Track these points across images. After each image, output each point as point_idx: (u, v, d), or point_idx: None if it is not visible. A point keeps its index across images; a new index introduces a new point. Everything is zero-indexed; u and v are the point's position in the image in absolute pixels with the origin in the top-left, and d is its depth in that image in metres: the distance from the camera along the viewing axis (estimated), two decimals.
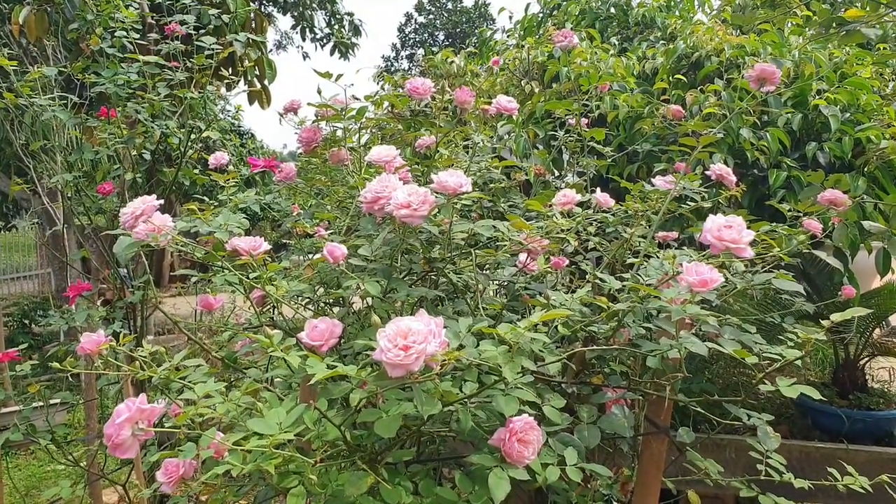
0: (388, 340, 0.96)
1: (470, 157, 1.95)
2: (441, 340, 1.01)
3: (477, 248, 1.45)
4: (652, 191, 1.91)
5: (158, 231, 1.37)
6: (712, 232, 1.11)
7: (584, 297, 1.39)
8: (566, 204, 1.58)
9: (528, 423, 1.13)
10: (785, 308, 1.92)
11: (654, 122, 2.74)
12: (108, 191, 3.00)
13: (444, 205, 1.27)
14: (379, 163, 1.46)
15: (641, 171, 2.91)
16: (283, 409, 1.11)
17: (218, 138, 3.18)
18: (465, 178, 1.26)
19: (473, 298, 1.55)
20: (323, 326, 1.25)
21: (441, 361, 0.97)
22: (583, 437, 1.33)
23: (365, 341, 1.10)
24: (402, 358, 0.94)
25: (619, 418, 1.39)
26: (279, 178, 2.13)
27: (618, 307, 1.29)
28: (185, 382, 1.25)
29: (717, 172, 1.95)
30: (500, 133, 3.50)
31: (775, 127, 2.60)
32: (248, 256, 1.42)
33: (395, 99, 2.03)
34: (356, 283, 1.24)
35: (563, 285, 1.90)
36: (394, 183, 1.34)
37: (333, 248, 1.25)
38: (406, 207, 1.22)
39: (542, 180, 2.49)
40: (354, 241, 1.42)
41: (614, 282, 1.45)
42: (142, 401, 0.91)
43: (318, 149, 2.02)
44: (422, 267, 1.44)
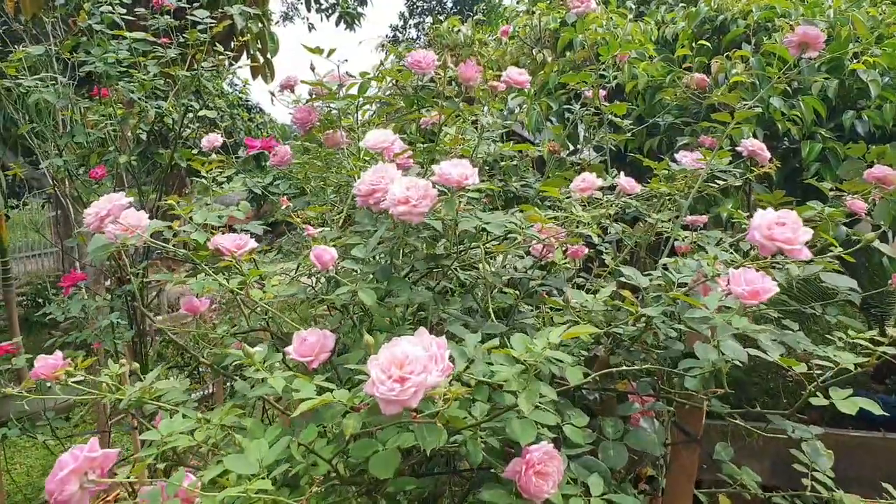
0: (380, 370, 0.81)
1: (479, 137, 1.78)
2: (445, 366, 0.86)
3: (487, 242, 1.29)
4: (679, 170, 1.73)
5: (130, 232, 1.22)
6: (761, 230, 0.94)
7: (608, 300, 1.23)
8: (586, 190, 1.41)
9: (548, 453, 0.98)
10: (826, 297, 1.76)
11: (676, 92, 2.55)
12: (99, 175, 2.86)
13: (448, 199, 1.11)
14: (375, 149, 1.30)
15: (662, 144, 2.72)
16: (265, 442, 0.96)
17: (216, 117, 2.98)
18: (470, 169, 1.10)
19: (483, 297, 1.40)
20: (313, 339, 1.11)
21: (444, 395, 0.82)
22: (608, 458, 1.18)
23: (356, 364, 0.95)
24: (398, 392, 0.79)
25: (649, 433, 1.24)
26: (273, 163, 1.97)
27: (647, 312, 1.13)
28: (160, 404, 1.11)
29: (749, 148, 1.78)
30: (510, 106, 3.31)
31: (808, 95, 2.40)
32: (231, 255, 1.28)
33: (397, 74, 1.86)
34: (349, 290, 1.09)
35: (582, 276, 1.74)
36: (391, 173, 1.18)
37: (321, 251, 1.09)
38: (404, 203, 1.07)
39: (556, 158, 2.32)
40: (349, 237, 1.27)
41: (641, 278, 1.29)
42: (91, 447, 0.77)
43: (315, 130, 1.86)
44: (425, 265, 1.28)
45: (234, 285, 1.15)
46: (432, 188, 1.09)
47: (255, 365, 1.03)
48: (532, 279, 1.42)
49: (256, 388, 1.04)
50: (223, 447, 1.09)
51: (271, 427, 1.02)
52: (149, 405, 1.09)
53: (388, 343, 0.85)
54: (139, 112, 3.00)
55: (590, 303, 1.23)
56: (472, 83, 1.42)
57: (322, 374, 1.12)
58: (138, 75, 2.71)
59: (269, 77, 6.02)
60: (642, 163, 2.63)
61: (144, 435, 0.87)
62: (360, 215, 1.27)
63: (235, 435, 0.97)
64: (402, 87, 2.18)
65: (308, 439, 0.99)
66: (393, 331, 1.26)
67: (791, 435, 1.26)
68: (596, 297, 1.24)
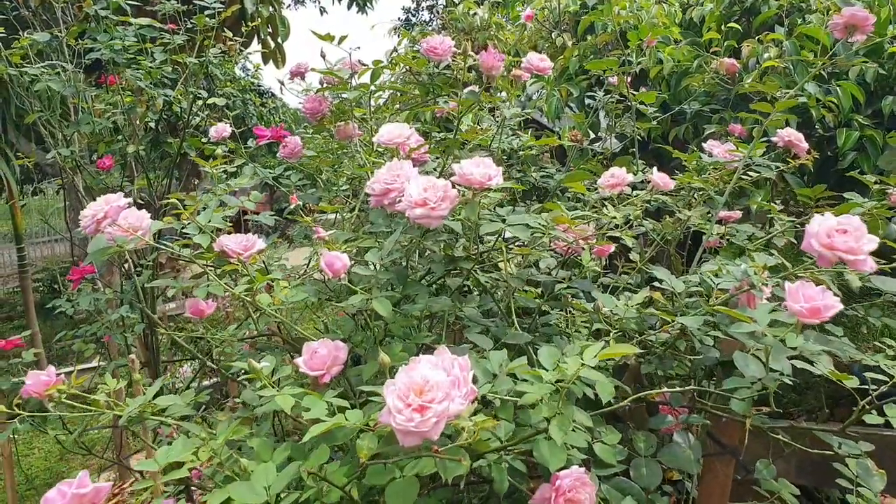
0: (397, 398, 0.73)
1: (499, 128, 1.69)
2: (468, 390, 0.77)
3: (509, 245, 1.21)
4: (713, 162, 1.63)
5: (131, 233, 1.15)
6: (820, 239, 0.85)
7: (640, 307, 1.15)
8: (616, 186, 1.32)
9: (579, 479, 0.90)
10: (866, 297, 1.66)
11: (704, 78, 2.44)
12: (107, 165, 2.79)
13: (470, 201, 1.03)
14: (390, 145, 1.21)
15: (688, 133, 2.61)
16: (272, 466, 0.89)
17: (227, 103, 2.89)
18: (493, 168, 1.01)
19: (504, 298, 1.32)
20: (324, 352, 1.03)
21: (468, 426, 0.74)
22: (640, 477, 1.10)
23: (370, 382, 0.87)
24: (417, 423, 0.71)
25: (683, 449, 1.16)
26: (283, 155, 1.89)
27: (686, 322, 1.04)
28: (162, 419, 1.04)
29: (785, 139, 1.67)
30: (528, 92, 3.20)
31: (845, 79, 2.28)
32: (237, 258, 1.20)
33: (411, 61, 1.77)
34: (363, 299, 1.01)
35: (608, 276, 1.65)
36: (406, 171, 1.10)
37: (332, 258, 1.01)
38: (422, 206, 0.98)
39: (578, 147, 2.22)
40: (363, 240, 1.19)
41: (675, 282, 1.20)
42: (82, 481, 0.70)
43: (327, 121, 1.77)
44: (443, 267, 1.20)
45: (240, 291, 1.08)
46: (452, 189, 1.00)
47: (262, 381, 0.95)
48: (557, 281, 1.33)
49: (263, 403, 0.97)
50: (230, 464, 1.02)
51: (280, 448, 0.94)
52: (151, 420, 1.02)
53: (406, 367, 0.76)
54: (147, 100, 2.92)
55: (621, 310, 1.15)
56: (493, 72, 1.32)
57: (335, 387, 1.04)
58: (145, 63, 2.63)
59: (280, 62, 5.93)
60: (668, 153, 2.52)
61: (139, 465, 0.80)
62: (374, 215, 1.19)
63: (241, 459, 0.89)
64: (416, 74, 2.09)
65: (319, 461, 0.92)
66: (410, 338, 1.18)
67: (838, 451, 1.17)
68: (628, 303, 1.15)
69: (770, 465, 1.17)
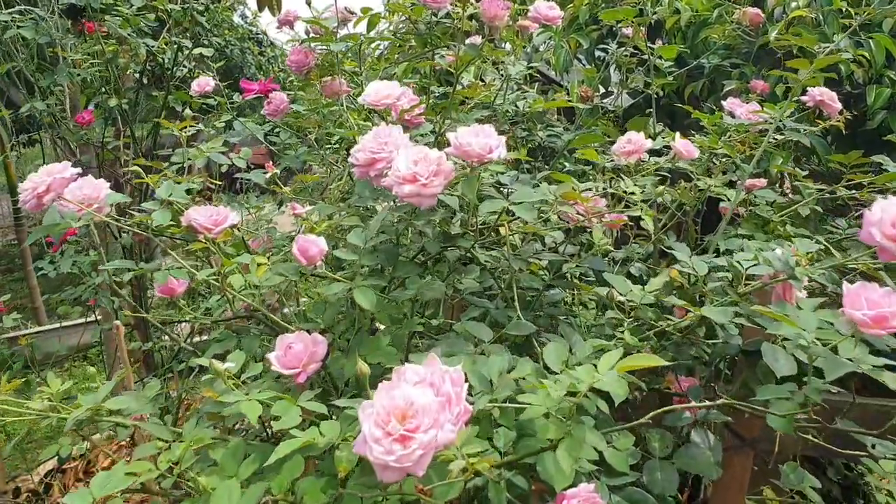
0: (374, 424, 0.61)
1: (504, 83, 1.53)
2: (461, 411, 0.65)
3: (512, 220, 1.07)
4: (738, 125, 1.48)
5: (86, 206, 1.01)
6: (884, 228, 0.71)
7: (660, 293, 1.02)
8: (632, 153, 1.17)
9: (589, 500, 0.78)
10: None
11: (725, 29, 2.25)
12: (87, 120, 2.64)
13: (468, 175, 0.88)
14: (378, 107, 1.06)
15: (704, 89, 2.43)
16: (236, 486, 0.77)
17: (211, 55, 2.71)
18: (494, 138, 0.86)
19: (506, 279, 1.19)
20: (299, 347, 0.90)
21: (458, 466, 0.61)
22: (655, 482, 0.99)
23: (346, 402, 0.74)
24: (399, 457, 0.59)
25: (702, 451, 1.04)
26: (267, 112, 1.74)
27: (711, 315, 0.91)
28: (120, 421, 0.92)
29: (816, 98, 1.52)
30: (535, 43, 3.01)
31: (878, 32, 2.10)
32: (205, 236, 1.07)
33: (407, 10, 1.60)
34: (342, 290, 0.88)
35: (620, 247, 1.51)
36: (396, 138, 0.95)
37: (306, 244, 0.88)
38: (411, 182, 0.84)
39: (589, 105, 2.05)
40: (346, 216, 1.05)
41: (699, 263, 1.07)
42: None
43: (313, 75, 1.62)
44: (437, 246, 1.06)
45: (206, 276, 0.94)
46: (447, 161, 0.86)
47: (226, 384, 0.83)
48: (564, 259, 1.19)
49: (227, 408, 0.84)
50: (195, 469, 0.91)
51: (247, 461, 0.82)
52: (104, 423, 0.90)
53: (387, 383, 0.64)
54: (130, 50, 2.75)
55: (637, 296, 1.02)
56: (497, 22, 1.17)
57: (312, 387, 0.92)
58: (122, 9, 2.45)
59: (277, 9, 5.68)
60: (681, 110, 2.35)
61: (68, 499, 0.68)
62: (360, 187, 1.05)
63: (200, 477, 0.77)
64: (414, 23, 1.92)
65: (292, 475, 0.80)
66: (400, 325, 1.05)
67: (872, 451, 1.06)
68: (645, 289, 1.02)
69: (797, 470, 1.05)
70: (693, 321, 1.08)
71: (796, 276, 0.86)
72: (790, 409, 0.74)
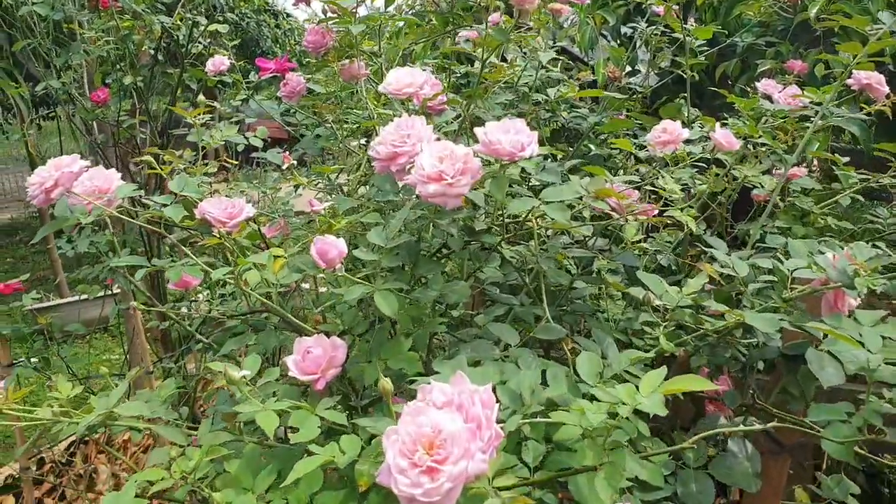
0: (400, 453, 0.56)
1: (526, 67, 1.46)
2: (492, 435, 0.60)
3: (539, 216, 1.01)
4: (779, 111, 1.40)
5: (95, 199, 0.97)
6: None
7: (697, 297, 0.96)
8: (668, 143, 1.11)
9: None
10: None
11: (761, 5, 2.16)
12: (102, 98, 2.60)
13: (496, 174, 0.83)
14: (399, 96, 1.00)
15: (736, 68, 2.34)
16: (250, 500, 0.74)
17: (227, 31, 2.64)
18: (526, 134, 0.81)
19: (532, 277, 1.14)
20: (318, 351, 0.86)
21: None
22: (689, 495, 0.94)
23: (369, 422, 0.70)
24: (426, 490, 0.54)
25: (740, 461, 0.99)
26: (283, 95, 1.69)
27: (755, 324, 0.86)
28: (133, 425, 0.89)
29: (863, 81, 1.43)
30: (559, 20, 2.92)
31: None
32: (220, 231, 1.02)
33: None
34: (363, 293, 0.83)
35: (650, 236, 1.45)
36: (419, 131, 0.90)
37: (326, 247, 0.83)
38: (436, 181, 0.79)
39: (616, 85, 1.98)
40: (366, 212, 1.00)
41: (739, 264, 1.01)
42: None
43: (331, 57, 1.56)
44: (461, 242, 1.01)
45: (220, 275, 0.90)
46: (474, 159, 0.80)
47: (241, 392, 0.79)
48: (594, 256, 1.14)
49: (241, 415, 0.80)
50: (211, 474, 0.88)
51: (263, 473, 0.78)
52: (116, 426, 0.87)
53: (412, 407, 0.59)
54: (144, 26, 2.69)
55: (673, 299, 0.96)
56: (527, 6, 1.10)
57: (331, 391, 0.88)
58: None
59: None
60: (707, 90, 2.25)
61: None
62: (381, 181, 1.00)
63: (213, 494, 0.73)
64: (434, 2, 1.84)
65: (310, 490, 0.76)
66: (423, 326, 1.00)
67: None
68: (682, 290, 0.97)
69: (842, 481, 1.00)
70: (730, 325, 1.02)
71: (854, 287, 0.80)
72: (848, 436, 0.69)
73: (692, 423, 1.16)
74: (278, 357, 1.70)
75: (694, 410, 1.22)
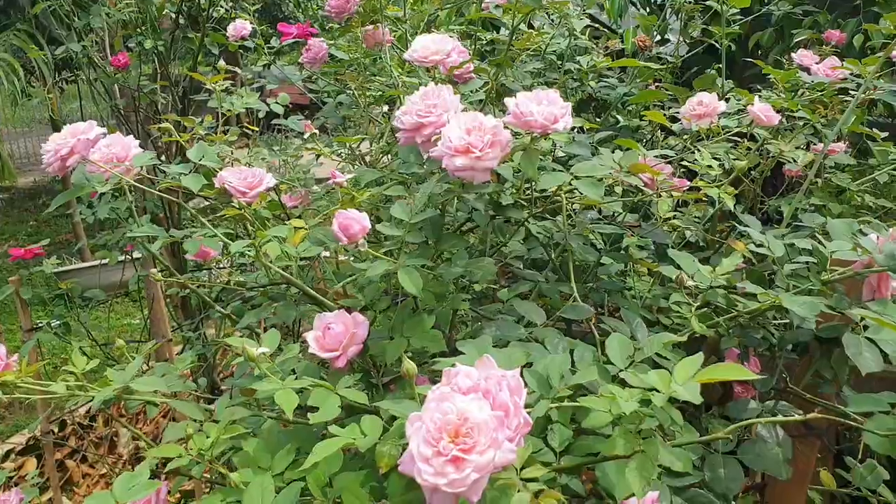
0: (424, 442, 0.54)
1: (554, 35, 1.41)
2: (520, 423, 0.58)
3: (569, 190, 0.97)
4: (818, 83, 1.34)
5: (113, 167, 0.95)
6: None
7: (731, 277, 0.92)
8: (703, 116, 1.06)
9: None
10: None
11: None
12: (122, 63, 2.57)
13: (527, 147, 0.79)
14: (425, 63, 0.96)
15: (770, 38, 2.26)
16: (269, 480, 0.72)
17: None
18: (560, 106, 0.77)
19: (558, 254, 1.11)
20: (339, 328, 0.84)
21: (523, 498, 0.54)
22: (718, 481, 0.91)
23: (393, 404, 0.68)
24: (451, 480, 0.52)
25: (770, 446, 0.96)
26: (305, 61, 1.65)
27: (792, 308, 0.82)
28: (150, 399, 0.87)
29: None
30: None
31: None
32: (241, 200, 1.00)
33: None
34: (385, 268, 0.80)
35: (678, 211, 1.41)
36: (446, 100, 0.86)
37: (347, 221, 0.80)
38: (463, 154, 0.75)
39: (646, 54, 1.91)
40: (390, 184, 0.97)
41: (775, 244, 0.97)
42: None
43: (354, 22, 1.51)
44: (487, 219, 0.98)
45: (239, 248, 0.88)
46: (503, 131, 0.77)
47: (259, 369, 0.77)
48: (622, 232, 1.10)
49: (259, 392, 0.78)
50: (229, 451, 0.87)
51: (281, 453, 0.77)
52: (132, 401, 0.86)
53: (436, 392, 0.57)
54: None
55: (706, 279, 0.92)
56: None
57: (353, 374, 0.86)
58: None
59: None
60: (739, 60, 2.17)
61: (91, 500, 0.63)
62: (405, 152, 0.96)
63: (231, 474, 0.72)
64: None
65: (331, 470, 0.75)
66: (444, 303, 0.98)
67: None
68: (716, 271, 0.93)
69: (875, 469, 0.97)
70: (764, 308, 0.99)
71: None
72: (892, 428, 0.66)
73: (719, 404, 1.13)
74: (298, 328, 1.68)
75: (721, 391, 1.19)
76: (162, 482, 0.76)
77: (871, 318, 0.73)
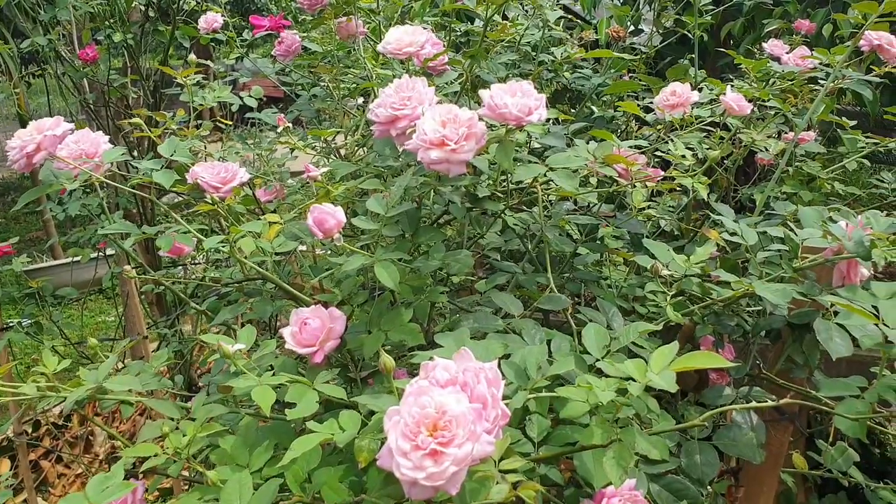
0: (402, 436, 0.54)
1: (527, 27, 1.41)
2: (498, 415, 0.58)
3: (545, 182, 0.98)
4: (788, 72, 1.36)
5: (81, 164, 0.93)
6: None
7: (705, 265, 0.93)
8: (677, 107, 1.07)
9: (631, 497, 0.72)
10: None
11: None
12: (91, 57, 2.52)
13: (502, 139, 0.79)
14: (399, 55, 0.96)
15: (741, 28, 2.28)
16: (247, 478, 0.72)
17: None
18: (534, 98, 0.77)
19: (535, 245, 1.11)
20: (316, 323, 0.83)
21: (499, 492, 0.55)
22: (693, 467, 0.93)
23: (369, 399, 0.68)
24: (430, 473, 0.52)
25: (745, 431, 0.98)
26: (278, 53, 1.63)
27: (765, 294, 0.83)
28: (125, 398, 0.86)
29: (874, 42, 1.39)
30: None
31: None
32: (215, 196, 0.99)
33: None
34: (361, 263, 0.80)
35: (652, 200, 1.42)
36: (420, 92, 0.86)
37: (323, 216, 0.79)
38: (438, 147, 0.75)
39: (620, 45, 1.92)
40: (366, 177, 0.96)
41: (748, 232, 0.98)
42: None
43: (327, 14, 1.50)
44: (464, 211, 0.98)
45: (212, 245, 0.87)
46: (479, 123, 0.76)
47: (236, 366, 0.76)
48: (598, 223, 1.11)
49: (236, 389, 0.78)
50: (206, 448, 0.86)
51: (259, 450, 0.76)
52: (106, 401, 0.85)
53: (414, 386, 0.57)
54: None
55: (681, 268, 0.93)
56: None
57: (329, 369, 0.85)
58: None
59: None
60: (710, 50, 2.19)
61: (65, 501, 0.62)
62: (380, 145, 0.96)
63: (207, 472, 0.71)
64: None
65: (309, 466, 0.74)
66: (422, 296, 0.97)
67: None
68: (690, 259, 0.94)
69: (846, 451, 0.99)
70: (738, 295, 1.00)
71: (870, 258, 0.77)
72: (862, 412, 0.67)
73: (695, 391, 1.15)
74: (275, 323, 1.67)
75: (697, 378, 1.21)
76: (138, 482, 0.75)
77: (841, 305, 0.74)
